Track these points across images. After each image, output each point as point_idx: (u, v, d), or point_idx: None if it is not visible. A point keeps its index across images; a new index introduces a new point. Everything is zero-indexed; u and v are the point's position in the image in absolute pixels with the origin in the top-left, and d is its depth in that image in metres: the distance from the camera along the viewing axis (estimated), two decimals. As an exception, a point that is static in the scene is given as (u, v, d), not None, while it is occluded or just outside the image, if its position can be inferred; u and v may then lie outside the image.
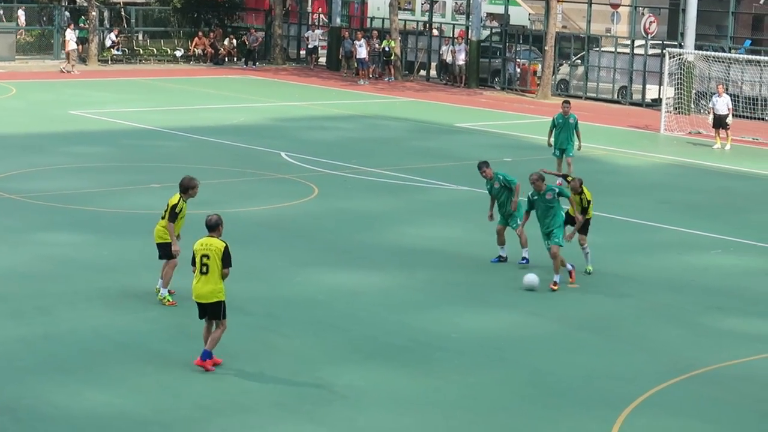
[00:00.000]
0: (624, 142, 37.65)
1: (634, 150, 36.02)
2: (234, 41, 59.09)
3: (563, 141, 28.93)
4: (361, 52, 53.41)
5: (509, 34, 52.06)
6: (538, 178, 19.85)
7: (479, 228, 23.63)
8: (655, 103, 45.68)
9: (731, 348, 17.11)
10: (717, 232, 24.69)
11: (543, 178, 19.93)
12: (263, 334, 16.72)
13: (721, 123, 36.85)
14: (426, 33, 55.87)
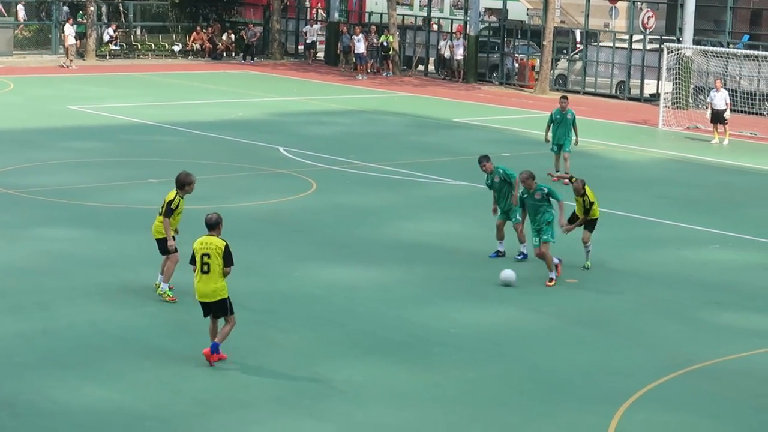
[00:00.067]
0: (622, 137, 37.66)
1: (632, 145, 36.02)
2: (232, 36, 59.06)
3: (561, 136, 28.91)
4: (360, 47, 53.37)
5: (507, 29, 52.03)
6: (528, 177, 19.78)
7: (477, 223, 23.66)
8: (654, 98, 45.64)
9: (729, 343, 17.13)
10: (715, 227, 24.70)
11: (533, 176, 19.80)
12: (261, 329, 16.73)
13: (719, 118, 36.85)
14: (424, 28, 55.86)
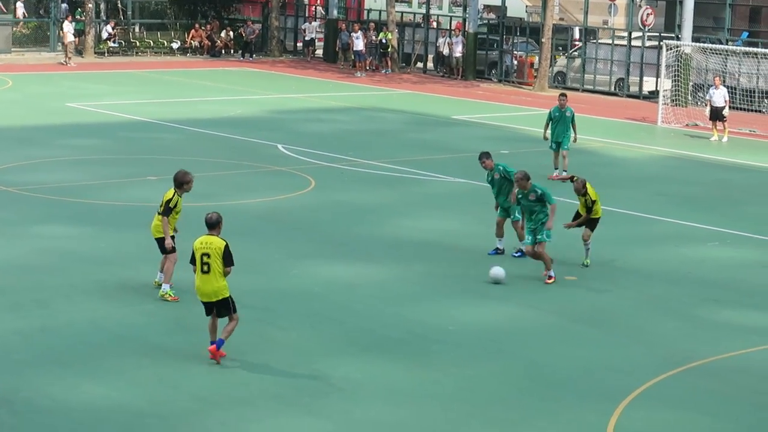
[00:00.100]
0: (621, 134, 37.66)
1: (631, 142, 36.02)
2: (231, 33, 59.05)
3: (559, 134, 28.90)
4: (358, 44, 53.37)
5: (506, 26, 52.02)
6: (522, 178, 19.74)
7: (476, 220, 23.67)
8: (653, 95, 45.65)
9: (728, 340, 17.14)
10: (714, 224, 24.71)
11: (528, 177, 19.74)
12: (260, 327, 16.72)
13: (718, 115, 36.85)
14: (423, 25, 55.84)
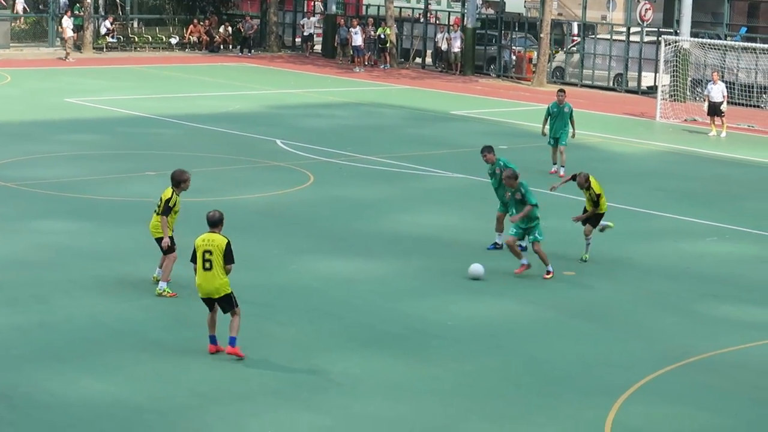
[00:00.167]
0: (619, 129, 37.65)
1: (630, 137, 36.01)
2: (229, 29, 59.01)
3: (557, 130, 28.86)
4: (357, 39, 53.34)
5: (505, 21, 52.00)
6: (510, 176, 19.67)
7: (475, 215, 23.67)
8: (651, 90, 45.65)
9: (726, 335, 17.14)
10: (712, 219, 24.71)
11: (515, 176, 19.60)
12: (259, 322, 16.71)
13: (716, 110, 36.84)
14: (421, 20, 55.82)
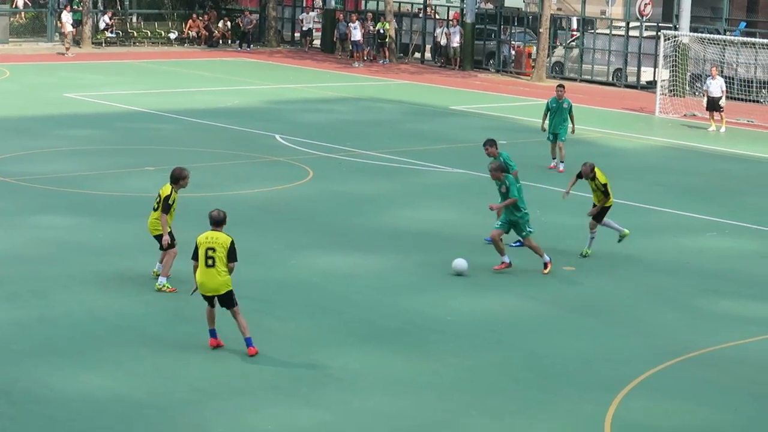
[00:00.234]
0: (619, 124, 37.64)
1: (629, 132, 36.00)
2: (228, 23, 59.00)
3: (557, 125, 28.84)
4: (356, 34, 53.32)
5: (504, 16, 51.96)
6: (496, 168, 19.59)
7: (474, 210, 23.64)
8: (650, 85, 45.64)
9: (726, 331, 17.13)
10: (712, 214, 24.70)
11: (502, 168, 19.60)
12: (258, 317, 16.69)
13: (715, 105, 36.83)
14: (420, 15, 55.77)
